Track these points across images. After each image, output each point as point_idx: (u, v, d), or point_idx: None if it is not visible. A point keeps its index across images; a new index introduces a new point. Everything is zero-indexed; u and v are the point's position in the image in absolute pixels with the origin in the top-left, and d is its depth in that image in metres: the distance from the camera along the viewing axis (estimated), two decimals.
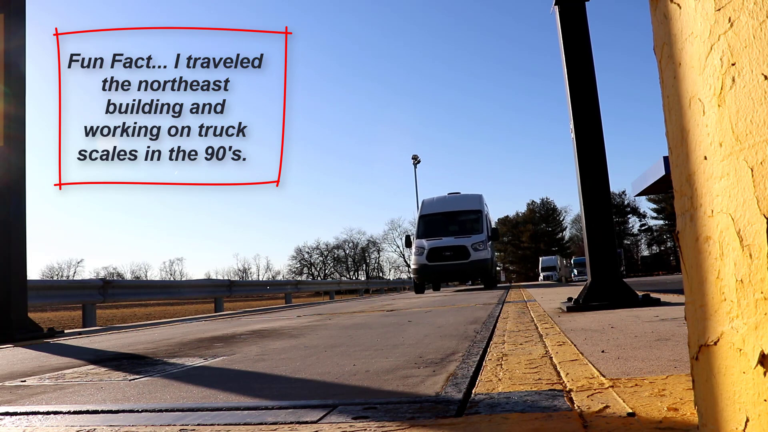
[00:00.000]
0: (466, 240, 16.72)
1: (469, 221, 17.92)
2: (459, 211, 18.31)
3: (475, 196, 18.97)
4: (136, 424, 1.68)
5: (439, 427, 1.42)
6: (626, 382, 1.75)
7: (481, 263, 16.58)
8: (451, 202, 18.83)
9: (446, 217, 18.27)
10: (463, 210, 18.32)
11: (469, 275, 17.81)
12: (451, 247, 16.57)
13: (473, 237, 16.89)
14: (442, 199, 19.23)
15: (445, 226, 17.89)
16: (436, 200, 19.16)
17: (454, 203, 18.78)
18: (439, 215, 18.38)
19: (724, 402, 0.90)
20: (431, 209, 18.65)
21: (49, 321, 14.76)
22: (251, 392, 2.06)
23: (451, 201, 18.95)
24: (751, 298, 0.83)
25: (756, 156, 0.81)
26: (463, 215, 18.22)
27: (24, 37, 6.21)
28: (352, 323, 5.52)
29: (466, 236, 17.03)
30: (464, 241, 16.68)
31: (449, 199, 19.14)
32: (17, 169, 5.99)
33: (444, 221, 18.11)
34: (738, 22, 0.85)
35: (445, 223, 18.05)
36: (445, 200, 19.08)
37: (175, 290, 12.64)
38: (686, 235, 1.01)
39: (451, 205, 18.64)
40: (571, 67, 5.48)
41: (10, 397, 2.27)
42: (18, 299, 5.82)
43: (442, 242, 16.83)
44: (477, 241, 16.70)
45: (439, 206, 18.71)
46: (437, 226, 17.93)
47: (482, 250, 16.60)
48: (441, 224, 17.98)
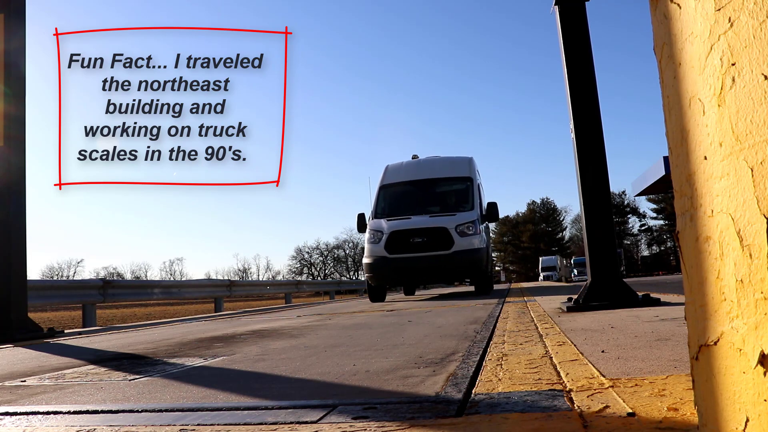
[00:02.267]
0: (447, 220, 10.80)
1: (452, 194, 12.10)
2: (438, 179, 12.31)
3: (463, 159, 12.75)
4: (136, 424, 1.68)
5: (439, 427, 1.42)
6: (626, 382, 1.75)
7: (470, 255, 10.58)
8: (427, 167, 12.71)
9: (419, 187, 12.19)
10: (445, 178, 12.33)
11: (451, 273, 11.18)
12: (425, 231, 10.67)
13: (459, 215, 10.96)
14: (414, 163, 13.06)
15: (418, 200, 11.95)
16: (405, 165, 12.98)
17: (430, 168, 12.64)
18: (409, 185, 12.29)
19: (724, 402, 0.90)
20: (397, 176, 12.49)
21: (49, 321, 14.76)
22: (251, 392, 2.06)
23: (426, 165, 12.81)
24: (751, 298, 0.83)
25: (756, 156, 0.81)
26: (444, 184, 12.32)
27: (24, 37, 6.20)
28: (352, 323, 5.52)
29: (447, 214, 11.13)
30: (444, 221, 10.77)
31: (425, 163, 12.97)
32: (17, 169, 5.99)
33: (416, 193, 12.10)
34: (738, 22, 0.85)
35: (417, 195, 12.06)
36: (419, 165, 12.91)
37: (175, 290, 12.64)
38: (686, 235, 1.01)
39: (427, 171, 12.52)
40: (571, 67, 5.48)
41: (10, 397, 2.27)
42: (18, 299, 5.82)
43: (411, 223, 10.89)
44: (464, 221, 10.75)
45: (410, 172, 12.61)
46: (405, 201, 12.04)
47: (472, 235, 10.67)
48: (411, 198, 12.06)
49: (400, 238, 10.65)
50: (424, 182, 12.30)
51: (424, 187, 12.24)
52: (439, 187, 12.36)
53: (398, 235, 10.69)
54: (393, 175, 12.56)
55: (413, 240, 10.59)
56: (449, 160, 12.96)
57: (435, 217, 11.09)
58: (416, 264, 10.48)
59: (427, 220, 10.94)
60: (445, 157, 13.20)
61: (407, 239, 10.61)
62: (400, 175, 12.58)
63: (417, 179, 12.34)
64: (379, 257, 10.67)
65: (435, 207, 11.77)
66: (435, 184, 12.35)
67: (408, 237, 10.63)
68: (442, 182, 12.39)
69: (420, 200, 11.97)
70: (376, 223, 11.20)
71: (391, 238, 10.66)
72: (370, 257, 10.77)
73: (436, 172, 12.47)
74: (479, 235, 10.86)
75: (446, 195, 12.26)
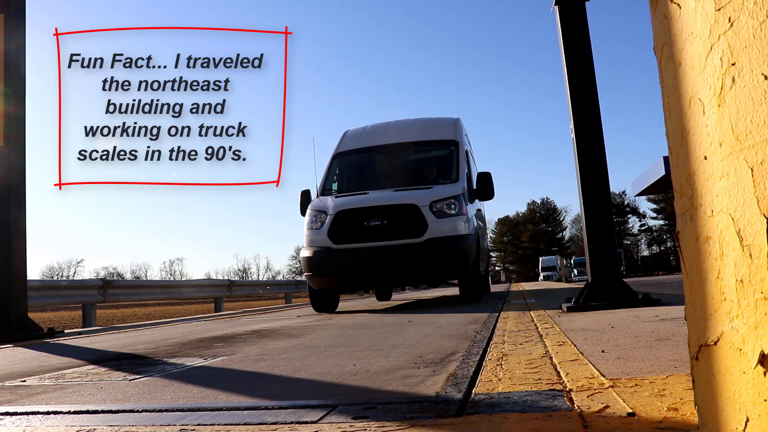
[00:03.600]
0: (418, 194, 7.63)
1: (431, 162, 9.02)
2: (412, 143, 9.08)
3: (446, 120, 9.58)
4: (136, 424, 1.68)
5: (439, 427, 1.42)
6: (626, 382, 1.75)
7: (452, 245, 7.37)
8: (398, 130, 9.48)
9: (386, 154, 9.05)
10: (421, 141, 9.12)
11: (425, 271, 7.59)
12: (385, 210, 7.51)
13: (436, 189, 7.81)
14: (381, 126, 9.79)
15: (383, 171, 8.91)
16: (369, 128, 9.70)
17: (402, 130, 9.43)
18: (372, 152, 9.13)
19: (724, 402, 0.90)
20: (357, 142, 9.34)
21: (49, 321, 14.76)
22: (251, 392, 2.06)
23: (397, 128, 9.59)
24: (751, 298, 0.83)
25: (756, 156, 0.81)
26: (420, 150, 9.17)
27: (24, 37, 6.21)
28: (352, 323, 5.52)
29: (420, 187, 7.93)
30: (415, 196, 7.60)
31: (396, 126, 9.71)
32: (17, 169, 5.99)
33: (381, 163, 9.05)
34: (738, 22, 0.85)
35: (382, 166, 9.01)
36: (387, 127, 9.67)
37: (175, 290, 12.64)
38: (686, 235, 1.01)
39: (398, 134, 9.30)
40: (571, 66, 5.48)
41: (10, 397, 2.27)
42: (18, 299, 5.81)
43: (367, 199, 7.80)
44: (444, 196, 7.58)
45: (375, 136, 9.38)
46: (366, 173, 9.12)
47: (454, 216, 7.51)
48: (374, 169, 9.08)
49: (350, 220, 7.42)
50: (392, 148, 8.93)
51: (393, 155, 8.93)
52: (413, 154, 9.06)
53: (347, 216, 7.44)
54: (352, 141, 9.30)
55: (369, 223, 7.31)
56: (428, 120, 9.72)
57: (402, 192, 7.80)
58: (373, 258, 7.21)
59: (390, 196, 7.73)
60: (423, 118, 9.96)
61: (360, 222, 7.36)
62: (361, 140, 9.26)
63: (383, 144, 9.04)
64: (320, 249, 7.47)
65: (406, 178, 8.44)
66: (407, 151, 8.97)
67: (361, 219, 7.38)
68: (418, 147, 9.04)
69: (386, 172, 8.76)
70: (320, 201, 7.96)
71: (338, 221, 7.43)
72: (310, 249, 7.59)
73: (409, 135, 9.11)
74: (465, 217, 7.56)
75: (423, 164, 8.95)
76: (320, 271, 7.55)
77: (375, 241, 7.31)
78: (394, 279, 8.43)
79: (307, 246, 7.75)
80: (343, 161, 9.23)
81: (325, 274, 7.58)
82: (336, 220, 7.51)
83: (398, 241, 7.28)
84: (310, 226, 7.75)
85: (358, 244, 7.37)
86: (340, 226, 7.48)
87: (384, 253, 7.26)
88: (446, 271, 7.70)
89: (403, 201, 7.57)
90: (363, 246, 7.34)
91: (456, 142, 8.89)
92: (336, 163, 9.18)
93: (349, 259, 7.36)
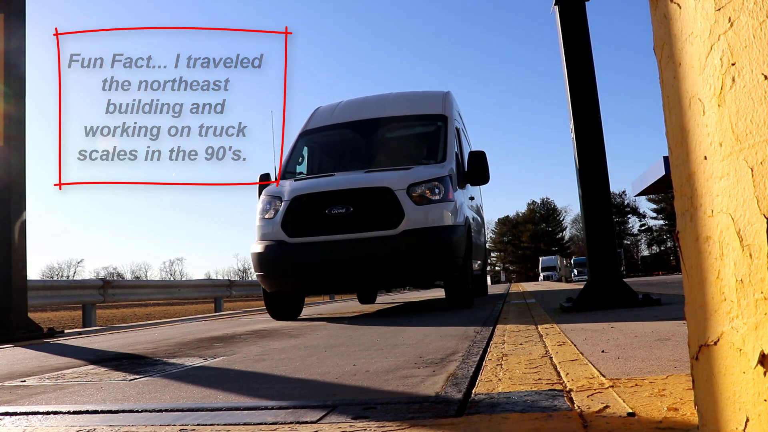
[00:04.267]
0: (394, 176, 6.30)
1: (414, 140, 7.84)
2: (393, 118, 7.70)
3: (434, 93, 8.13)
4: (135, 424, 1.68)
5: (439, 427, 1.42)
6: (626, 382, 1.75)
7: (434, 237, 6.01)
8: (377, 104, 8.11)
9: (362, 131, 7.72)
10: (404, 116, 7.74)
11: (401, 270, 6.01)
12: (351, 195, 6.17)
13: (416, 170, 6.48)
14: (358, 100, 8.42)
15: (356, 151, 7.68)
16: (344, 104, 8.35)
17: (382, 105, 8.05)
18: (345, 130, 7.83)
19: (724, 402, 0.90)
20: (329, 118, 8.00)
21: (49, 321, 14.76)
22: (251, 392, 2.06)
23: (376, 102, 8.20)
24: (751, 298, 0.83)
25: (756, 156, 0.81)
26: (403, 127, 7.84)
27: (24, 37, 6.21)
28: (352, 323, 5.52)
29: (397, 168, 6.57)
30: (389, 178, 6.28)
31: (375, 100, 8.30)
32: (17, 169, 5.99)
33: (355, 142, 7.79)
34: (738, 22, 0.85)
35: (356, 145, 7.76)
36: (364, 102, 8.29)
37: (175, 290, 12.64)
38: (686, 235, 1.01)
39: (376, 108, 7.95)
40: (571, 67, 5.48)
41: (10, 397, 2.27)
42: (18, 299, 5.82)
43: (330, 182, 6.52)
44: (426, 178, 6.29)
45: (349, 111, 8.04)
46: (336, 154, 7.95)
47: (439, 203, 6.18)
48: (347, 149, 7.88)
49: (308, 208, 6.10)
50: (369, 124, 7.55)
51: (369, 132, 7.55)
52: (393, 131, 7.67)
53: (305, 202, 6.12)
54: (323, 118, 7.95)
55: (332, 211, 5.97)
56: (414, 94, 8.31)
57: (374, 173, 6.41)
58: (335, 254, 5.90)
59: (360, 178, 6.31)
60: (408, 91, 8.49)
61: (321, 210, 6.02)
62: (333, 116, 7.90)
63: (358, 120, 7.63)
64: (272, 243, 6.14)
65: (383, 160, 6.94)
66: (387, 127, 7.56)
67: (322, 206, 6.03)
68: (400, 123, 7.64)
69: (360, 152, 7.47)
70: (277, 188, 6.54)
71: (294, 209, 6.11)
72: (261, 243, 6.26)
73: (389, 110, 7.74)
74: (452, 204, 6.18)
75: (404, 143, 7.67)
76: (271, 271, 6.21)
77: (338, 233, 5.96)
78: (362, 281, 6.48)
79: (258, 239, 6.40)
80: (312, 140, 7.89)
81: (277, 274, 6.19)
82: (291, 207, 6.17)
83: (367, 234, 5.89)
84: (261, 215, 6.41)
85: (318, 237, 6.03)
86: (297, 215, 6.15)
87: (349, 248, 5.91)
88: (427, 270, 6.02)
89: (374, 184, 6.16)
90: (323, 240, 6.00)
91: (444, 116, 7.40)
92: (303, 142, 7.81)
93: (306, 255, 5.99)
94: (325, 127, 7.85)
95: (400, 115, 7.73)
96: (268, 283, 6.32)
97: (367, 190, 6.12)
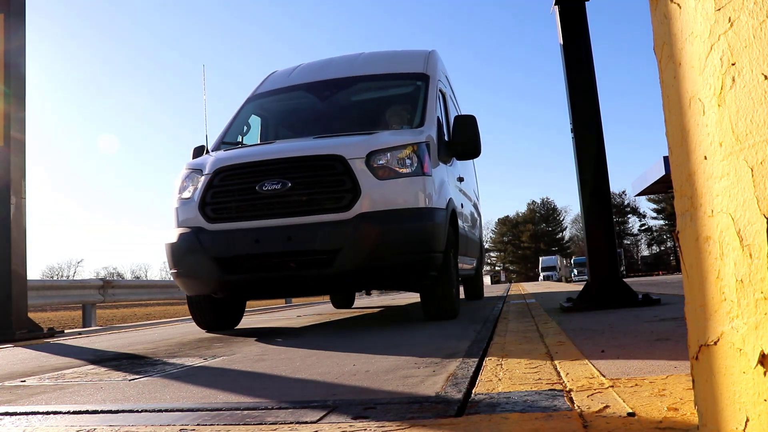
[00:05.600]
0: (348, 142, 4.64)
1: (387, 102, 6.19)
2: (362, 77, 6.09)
3: (417, 52, 6.40)
4: (135, 424, 1.68)
5: (439, 427, 1.42)
6: (626, 382, 1.75)
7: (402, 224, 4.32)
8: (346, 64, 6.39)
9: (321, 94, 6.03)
10: (375, 75, 6.12)
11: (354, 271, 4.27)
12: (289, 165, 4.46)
13: (380, 135, 4.78)
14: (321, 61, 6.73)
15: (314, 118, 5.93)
16: (305, 65, 6.71)
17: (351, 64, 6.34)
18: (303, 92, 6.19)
19: (724, 402, 0.90)
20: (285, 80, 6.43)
21: (49, 321, 14.76)
22: (251, 392, 2.06)
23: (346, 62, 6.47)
24: (751, 298, 0.83)
25: (756, 156, 0.81)
26: (374, 88, 6.21)
27: (24, 37, 6.21)
28: (352, 323, 5.52)
29: (357, 133, 4.93)
30: (341, 144, 4.62)
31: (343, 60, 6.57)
32: (17, 169, 5.99)
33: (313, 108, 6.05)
34: (738, 21, 0.85)
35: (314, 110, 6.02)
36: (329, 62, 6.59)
37: (175, 290, 12.63)
38: (686, 235, 1.01)
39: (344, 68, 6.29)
40: (570, 67, 5.48)
41: (10, 397, 2.27)
42: (18, 299, 5.82)
43: (264, 151, 4.77)
44: (393, 144, 4.57)
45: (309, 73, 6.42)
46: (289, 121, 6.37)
47: (409, 177, 4.48)
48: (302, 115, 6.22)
49: (233, 183, 4.63)
50: (332, 85, 6.04)
51: (332, 94, 6.00)
52: (361, 93, 6.15)
53: (230, 176, 4.64)
54: (277, 81, 6.47)
55: (264, 188, 4.46)
56: (391, 53, 6.66)
57: (325, 139, 4.94)
58: (265, 246, 4.40)
59: (305, 145, 4.78)
60: (385, 51, 6.82)
61: (250, 187, 4.53)
62: (290, 78, 6.40)
63: (319, 81, 6.12)
64: (188, 231, 4.66)
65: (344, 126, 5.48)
66: (354, 88, 6.08)
67: (252, 181, 4.54)
68: (370, 83, 6.11)
69: (318, 118, 5.87)
70: (200, 161, 4.96)
71: (215, 185, 4.65)
72: (175, 231, 4.78)
73: (358, 69, 6.18)
74: (428, 181, 4.63)
75: (374, 106, 6.11)
76: (186, 269, 4.67)
77: (270, 217, 4.40)
78: (302, 283, 4.58)
79: (174, 226, 4.81)
80: (262, 106, 6.33)
81: (192, 272, 4.65)
82: (212, 183, 4.63)
83: (309, 218, 4.33)
84: (179, 194, 4.85)
85: (244, 222, 4.46)
86: (219, 194, 4.61)
87: (283, 238, 4.32)
88: (393, 269, 4.42)
89: (320, 151, 4.55)
90: (250, 226, 4.43)
91: (426, 75, 5.81)
92: (250, 108, 6.26)
93: (228, 248, 4.45)
94: (279, 90, 6.31)
95: (371, 73, 6.13)
96: (183, 284, 4.79)
97: (310, 159, 4.48)
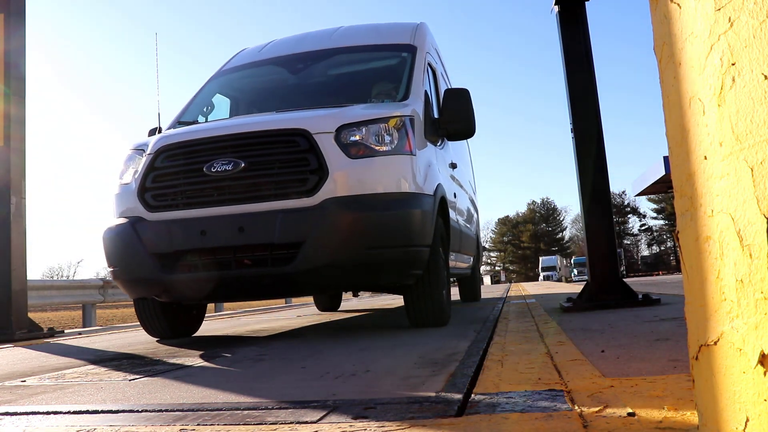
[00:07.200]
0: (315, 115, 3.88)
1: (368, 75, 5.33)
2: (341, 49, 5.32)
3: (404, 24, 5.54)
4: (135, 424, 1.68)
5: (439, 427, 1.42)
6: (626, 382, 1.75)
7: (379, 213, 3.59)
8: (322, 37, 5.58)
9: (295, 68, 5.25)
10: (356, 47, 5.35)
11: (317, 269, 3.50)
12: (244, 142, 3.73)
13: (353, 108, 4.03)
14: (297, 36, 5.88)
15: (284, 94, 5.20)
16: (279, 40, 5.90)
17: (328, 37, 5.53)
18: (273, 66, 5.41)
19: (724, 402, 0.90)
20: (254, 56, 5.66)
21: (49, 321, 14.77)
22: (251, 392, 2.06)
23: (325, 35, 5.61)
24: (751, 298, 0.83)
25: (756, 156, 0.81)
26: (354, 60, 5.36)
27: (24, 37, 6.21)
28: (352, 323, 5.53)
29: (326, 107, 4.18)
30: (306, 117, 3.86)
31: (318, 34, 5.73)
32: (17, 169, 5.99)
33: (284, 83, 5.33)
34: (738, 21, 0.85)
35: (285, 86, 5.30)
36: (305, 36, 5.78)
37: None
38: (686, 235, 1.01)
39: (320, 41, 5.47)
40: (570, 67, 5.49)
41: (10, 397, 2.27)
42: (18, 299, 5.81)
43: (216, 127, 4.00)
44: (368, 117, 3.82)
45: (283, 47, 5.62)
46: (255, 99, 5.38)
47: (387, 156, 3.73)
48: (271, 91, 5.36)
49: (178, 164, 3.90)
50: (306, 58, 5.34)
51: (305, 68, 5.30)
52: (340, 66, 5.45)
53: (173, 155, 3.93)
54: (246, 57, 5.79)
55: (213, 169, 3.72)
56: (376, 25, 5.89)
57: (288, 113, 4.25)
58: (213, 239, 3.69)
59: (263, 120, 4.05)
60: (369, 23, 6.05)
61: (198, 168, 3.80)
62: (261, 53, 5.71)
63: (292, 54, 5.44)
64: (124, 223, 3.99)
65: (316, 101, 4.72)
66: (331, 60, 5.38)
67: (199, 161, 3.80)
68: (350, 56, 5.42)
69: (289, 93, 5.24)
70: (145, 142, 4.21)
71: (157, 167, 3.95)
72: (113, 221, 4.12)
73: (337, 41, 5.49)
74: (411, 160, 3.90)
75: (353, 79, 5.38)
76: (123, 267, 4.00)
77: (221, 204, 3.74)
78: (258, 285, 3.81)
79: (114, 216, 4.14)
80: (228, 83, 5.61)
81: (131, 271, 3.96)
82: (153, 164, 3.95)
83: (266, 204, 3.66)
84: (119, 178, 4.19)
85: (189, 210, 3.78)
86: (160, 176, 3.94)
87: (234, 228, 3.65)
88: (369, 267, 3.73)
89: (281, 125, 3.84)
90: (196, 216, 3.75)
91: (413, 46, 5.10)
92: (214, 85, 5.55)
93: (170, 241, 3.77)
94: (247, 65, 5.60)
95: (350, 45, 5.42)
96: (122, 285, 4.13)
97: (268, 135, 3.78)
